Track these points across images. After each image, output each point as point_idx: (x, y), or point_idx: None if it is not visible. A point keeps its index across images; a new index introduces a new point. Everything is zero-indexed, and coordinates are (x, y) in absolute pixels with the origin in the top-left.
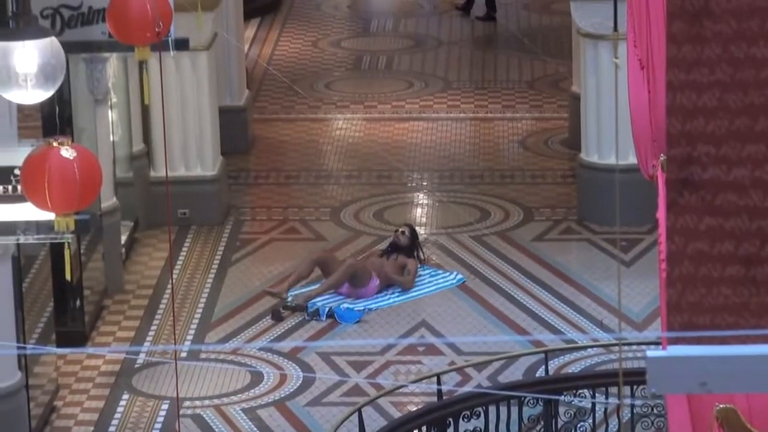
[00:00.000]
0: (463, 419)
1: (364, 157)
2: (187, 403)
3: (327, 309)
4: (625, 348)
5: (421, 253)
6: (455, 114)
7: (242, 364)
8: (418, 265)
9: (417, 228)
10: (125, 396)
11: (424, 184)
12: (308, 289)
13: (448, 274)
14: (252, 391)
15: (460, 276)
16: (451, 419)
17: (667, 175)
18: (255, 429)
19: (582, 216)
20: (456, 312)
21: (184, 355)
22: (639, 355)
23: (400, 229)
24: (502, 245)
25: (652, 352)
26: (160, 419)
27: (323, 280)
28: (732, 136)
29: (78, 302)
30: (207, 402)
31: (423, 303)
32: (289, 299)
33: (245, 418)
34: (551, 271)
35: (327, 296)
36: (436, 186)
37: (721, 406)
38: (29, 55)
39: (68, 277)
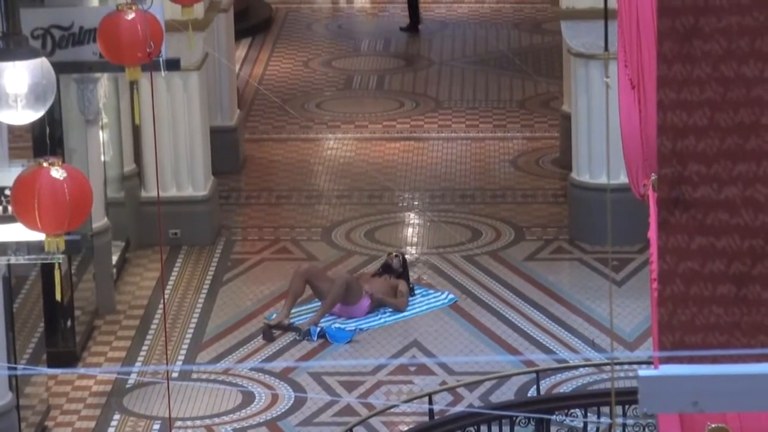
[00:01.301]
0: None
1: (355, 177)
2: (178, 424)
3: (318, 329)
4: (617, 367)
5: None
6: (446, 134)
7: (234, 385)
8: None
9: (408, 247)
10: (116, 416)
11: (416, 203)
12: (310, 314)
13: (439, 294)
14: (243, 411)
15: (451, 296)
16: None
17: (659, 194)
18: None
19: (573, 235)
20: (447, 332)
21: (175, 375)
22: (631, 374)
23: (393, 253)
24: (494, 265)
25: (644, 372)
26: None
27: (317, 299)
28: (722, 155)
29: (69, 322)
30: (198, 422)
31: (414, 323)
32: (294, 323)
33: None
34: (542, 291)
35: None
36: (428, 206)
37: (713, 425)
38: (19, 75)
39: (59, 297)
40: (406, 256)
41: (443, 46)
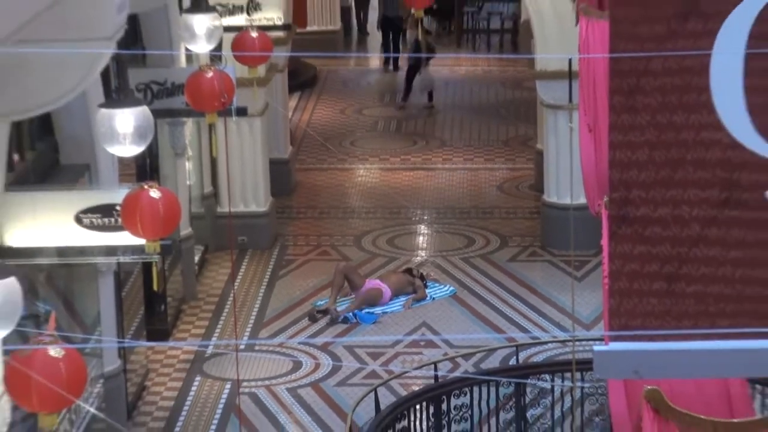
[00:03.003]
0: (453, 396)
1: (379, 198)
2: (244, 384)
3: (351, 313)
4: (577, 343)
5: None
6: (449, 165)
7: (286, 355)
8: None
9: (419, 251)
10: (198, 378)
11: (425, 218)
12: (345, 305)
13: (443, 286)
14: (294, 375)
15: (452, 288)
16: (444, 396)
17: (609, 212)
18: (296, 404)
19: (544, 243)
20: (449, 316)
21: (242, 347)
22: (588, 348)
23: (417, 268)
24: (484, 265)
25: (597, 347)
26: (224, 396)
27: (353, 294)
28: (658, 183)
29: (162, 307)
30: (260, 383)
31: (424, 309)
32: (338, 309)
33: (289, 395)
34: (521, 285)
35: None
36: (434, 219)
37: (649, 387)
38: (127, 119)
39: (155, 288)
40: (417, 258)
41: (446, 99)
